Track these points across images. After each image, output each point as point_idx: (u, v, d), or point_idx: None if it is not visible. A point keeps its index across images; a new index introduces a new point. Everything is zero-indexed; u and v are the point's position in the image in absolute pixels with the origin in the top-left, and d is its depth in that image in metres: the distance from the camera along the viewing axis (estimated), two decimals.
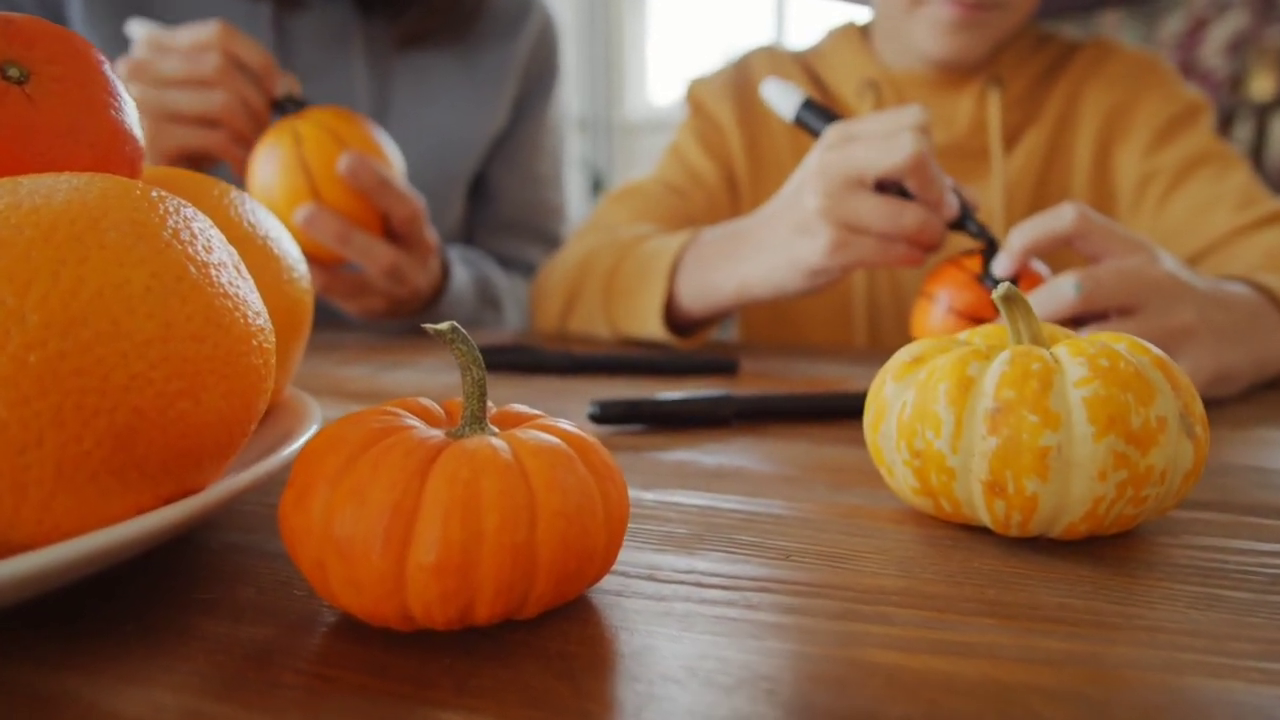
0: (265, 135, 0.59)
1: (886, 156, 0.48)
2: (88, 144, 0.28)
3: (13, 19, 0.28)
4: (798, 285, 0.54)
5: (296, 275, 0.35)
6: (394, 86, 0.80)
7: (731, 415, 0.43)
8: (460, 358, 0.25)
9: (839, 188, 0.50)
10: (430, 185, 0.76)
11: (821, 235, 0.51)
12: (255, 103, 0.59)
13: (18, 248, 0.22)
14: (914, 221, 0.49)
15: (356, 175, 0.57)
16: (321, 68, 0.77)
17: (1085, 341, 0.28)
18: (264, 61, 0.59)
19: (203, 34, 0.58)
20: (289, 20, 0.77)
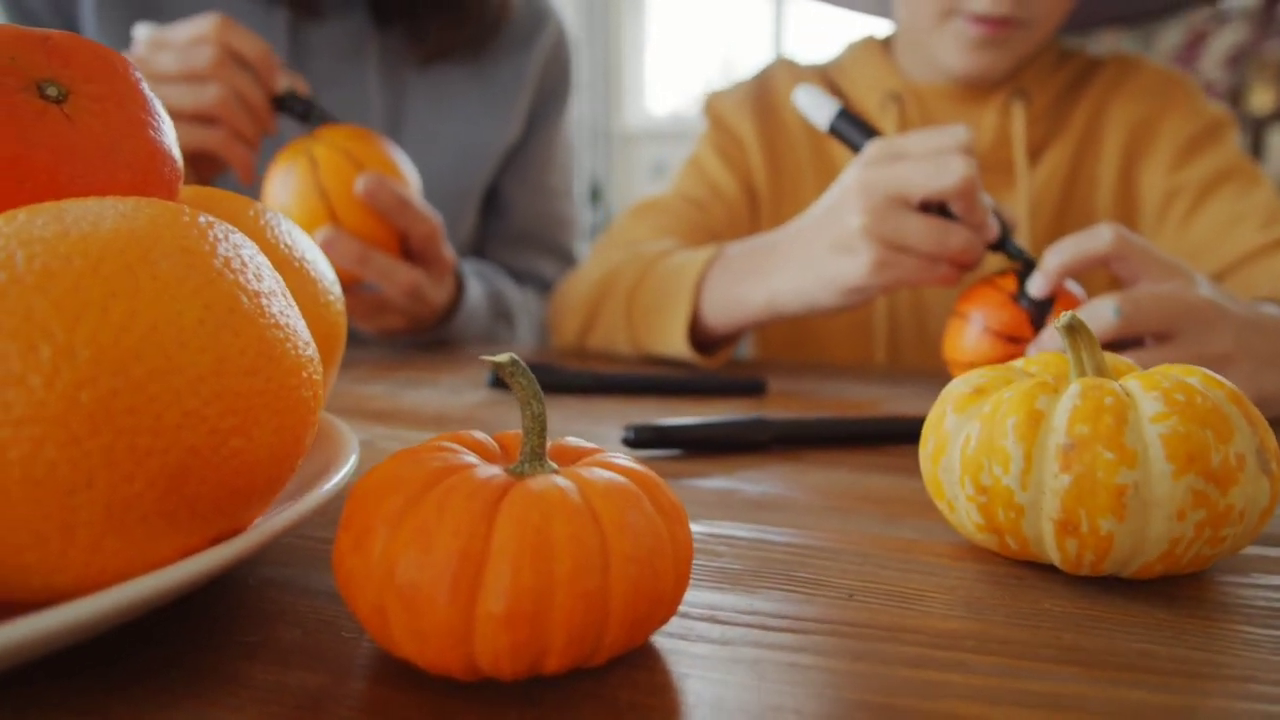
0: (279, 156, 0.58)
1: (936, 179, 0.47)
2: (126, 165, 0.27)
3: (50, 35, 0.27)
4: (833, 302, 0.53)
5: (332, 298, 0.34)
6: (408, 98, 0.79)
7: (768, 440, 0.42)
8: (520, 392, 0.24)
9: (883, 206, 0.49)
10: (444, 198, 0.75)
11: (863, 254, 0.50)
12: (253, 98, 0.57)
13: (66, 279, 0.21)
14: (959, 243, 0.48)
15: (375, 196, 0.56)
16: (336, 79, 0.76)
17: (1157, 375, 0.27)
18: (262, 54, 0.57)
19: (199, 28, 0.56)
20: (304, 31, 0.76)
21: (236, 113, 0.56)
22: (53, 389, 0.20)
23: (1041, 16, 0.67)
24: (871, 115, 0.76)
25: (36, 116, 0.26)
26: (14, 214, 0.22)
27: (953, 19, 0.67)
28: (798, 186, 0.77)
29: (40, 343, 0.20)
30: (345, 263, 0.57)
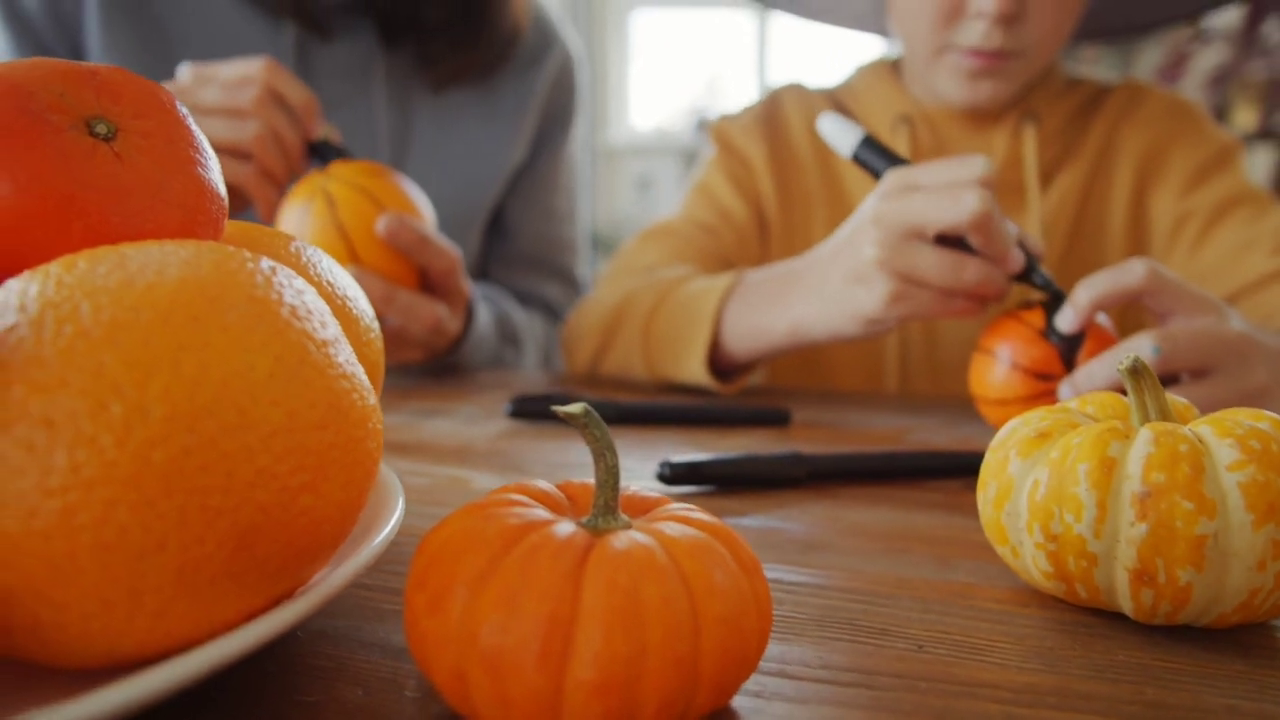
0: (293, 194, 0.57)
1: (949, 212, 0.47)
2: (177, 203, 0.26)
3: (99, 70, 0.27)
4: (854, 332, 0.53)
5: (373, 335, 0.33)
6: (415, 120, 0.78)
7: (803, 476, 0.41)
8: (593, 444, 0.23)
9: (897, 239, 0.49)
10: (450, 220, 0.74)
11: (879, 286, 0.50)
12: (289, 140, 0.57)
13: (136, 332, 0.20)
14: (975, 277, 0.48)
15: (396, 236, 0.56)
16: (343, 100, 0.76)
17: (1229, 421, 0.27)
18: (306, 101, 0.58)
19: (248, 68, 0.57)
20: (311, 51, 0.75)
21: (270, 152, 0.56)
22: (125, 449, 0.19)
23: (1037, 44, 0.67)
24: (882, 138, 0.76)
25: (86, 155, 0.25)
26: (73, 261, 0.21)
27: (948, 52, 0.67)
28: (808, 211, 0.77)
29: (112, 400, 0.19)
30: (373, 302, 0.57)
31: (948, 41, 0.67)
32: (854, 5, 0.82)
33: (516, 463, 0.46)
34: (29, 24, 0.71)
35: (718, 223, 0.75)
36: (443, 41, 0.76)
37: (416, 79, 0.78)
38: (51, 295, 0.20)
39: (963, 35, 0.66)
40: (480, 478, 0.43)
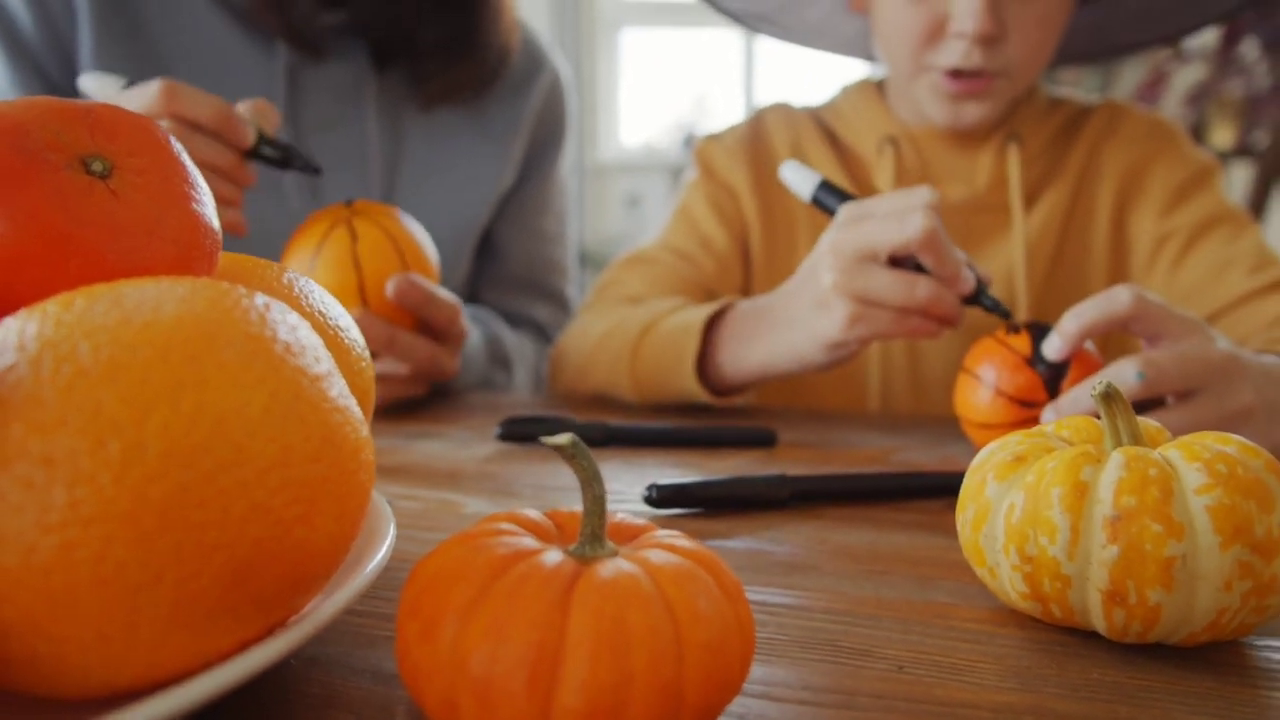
0: (317, 220, 0.58)
1: (898, 233, 0.49)
2: (171, 240, 0.27)
3: (94, 109, 0.27)
4: (819, 358, 0.55)
5: (365, 364, 0.34)
6: (406, 141, 0.79)
7: (788, 497, 0.42)
8: (580, 473, 0.23)
9: (852, 263, 0.51)
10: (441, 241, 0.75)
11: (838, 309, 0.52)
12: (221, 161, 0.54)
13: (134, 371, 0.20)
14: (926, 294, 0.49)
15: (405, 297, 0.57)
16: (335, 121, 0.76)
17: (1196, 445, 0.27)
18: (217, 115, 0.53)
19: (144, 101, 0.52)
20: (303, 72, 0.76)
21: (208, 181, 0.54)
22: (123, 485, 0.19)
23: (1018, 65, 0.68)
24: (868, 159, 0.77)
25: (83, 193, 0.26)
26: (71, 300, 0.22)
27: (930, 73, 0.69)
28: (792, 235, 0.78)
29: (110, 438, 0.19)
30: (374, 345, 0.58)
31: (929, 62, 0.68)
32: (841, 30, 0.83)
33: (506, 486, 0.46)
34: (24, 45, 0.72)
35: (698, 251, 0.76)
36: (434, 61, 0.77)
37: (408, 100, 0.79)
38: (50, 334, 0.21)
39: (943, 56, 0.67)
40: (471, 501, 0.43)
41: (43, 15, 0.71)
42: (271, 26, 0.73)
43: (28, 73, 0.71)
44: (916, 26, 0.67)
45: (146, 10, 0.73)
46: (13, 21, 0.71)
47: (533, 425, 0.54)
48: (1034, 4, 0.66)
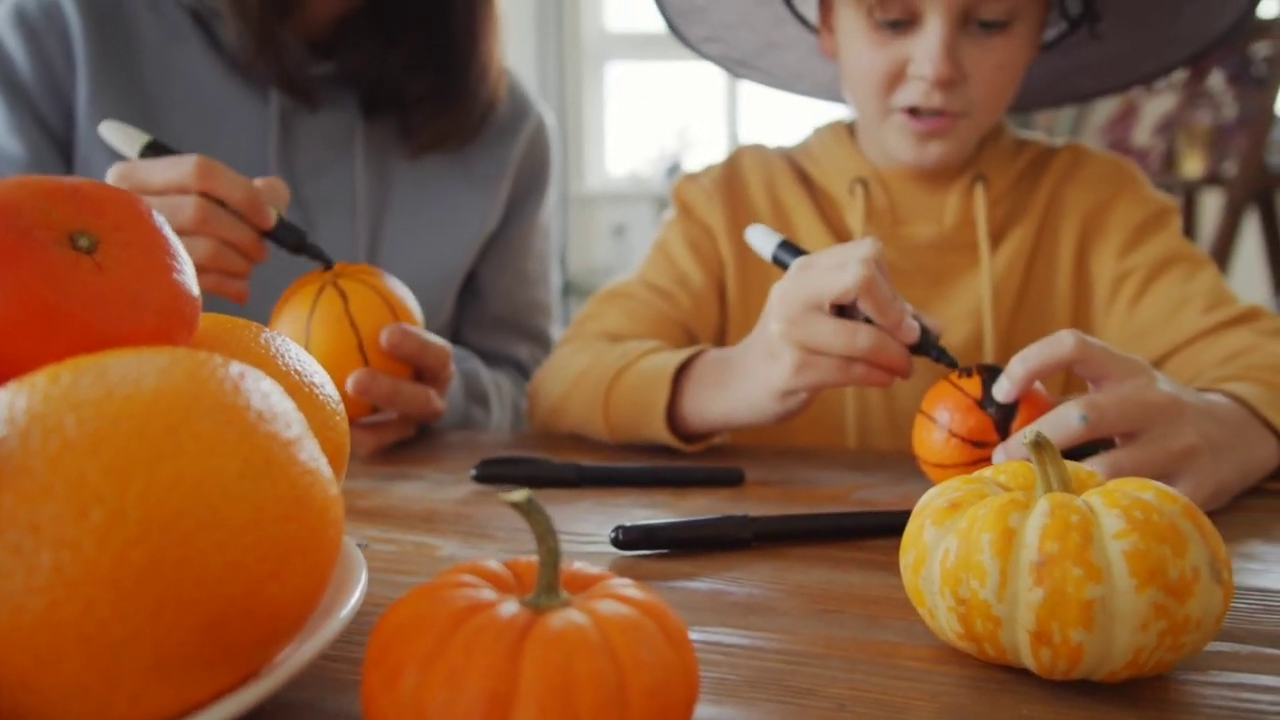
0: (304, 284, 0.60)
1: (837, 282, 0.51)
2: (153, 310, 0.29)
3: (80, 186, 0.29)
4: (773, 407, 0.57)
5: (338, 418, 0.36)
6: (393, 187, 0.81)
7: (750, 538, 0.44)
8: (535, 528, 0.25)
9: (797, 313, 0.53)
10: (426, 285, 0.76)
11: (785, 357, 0.54)
12: (241, 241, 0.57)
13: (116, 442, 0.22)
14: (867, 342, 0.51)
15: (399, 347, 0.59)
16: (324, 167, 0.78)
17: (1117, 492, 0.29)
18: (246, 198, 0.56)
19: (179, 175, 0.55)
20: (295, 121, 0.78)
21: (225, 258, 0.57)
22: (105, 550, 0.21)
23: (980, 104, 0.71)
24: (840, 200, 0.79)
25: (70, 268, 0.27)
26: (58, 374, 0.24)
27: (894, 114, 0.71)
28: (765, 276, 0.80)
29: (93, 506, 0.21)
30: (380, 401, 0.60)
31: (894, 104, 0.71)
32: (816, 74, 0.86)
33: (481, 528, 0.48)
34: (22, 89, 0.73)
35: (674, 288, 0.78)
36: (422, 112, 0.79)
37: (395, 147, 0.81)
38: (38, 408, 0.22)
39: (906, 96, 0.70)
40: (445, 544, 0.45)
41: (41, 60, 0.74)
42: (265, 76, 0.75)
43: (25, 116, 0.73)
44: (880, 70, 0.70)
45: (143, 57, 0.76)
46: (11, 66, 0.74)
47: (508, 466, 0.56)
48: (992, 50, 0.69)
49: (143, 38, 0.76)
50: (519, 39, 3.50)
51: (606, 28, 3.76)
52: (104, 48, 0.74)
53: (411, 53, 0.78)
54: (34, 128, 0.73)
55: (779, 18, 0.81)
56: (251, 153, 0.76)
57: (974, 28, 0.68)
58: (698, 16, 0.81)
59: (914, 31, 0.68)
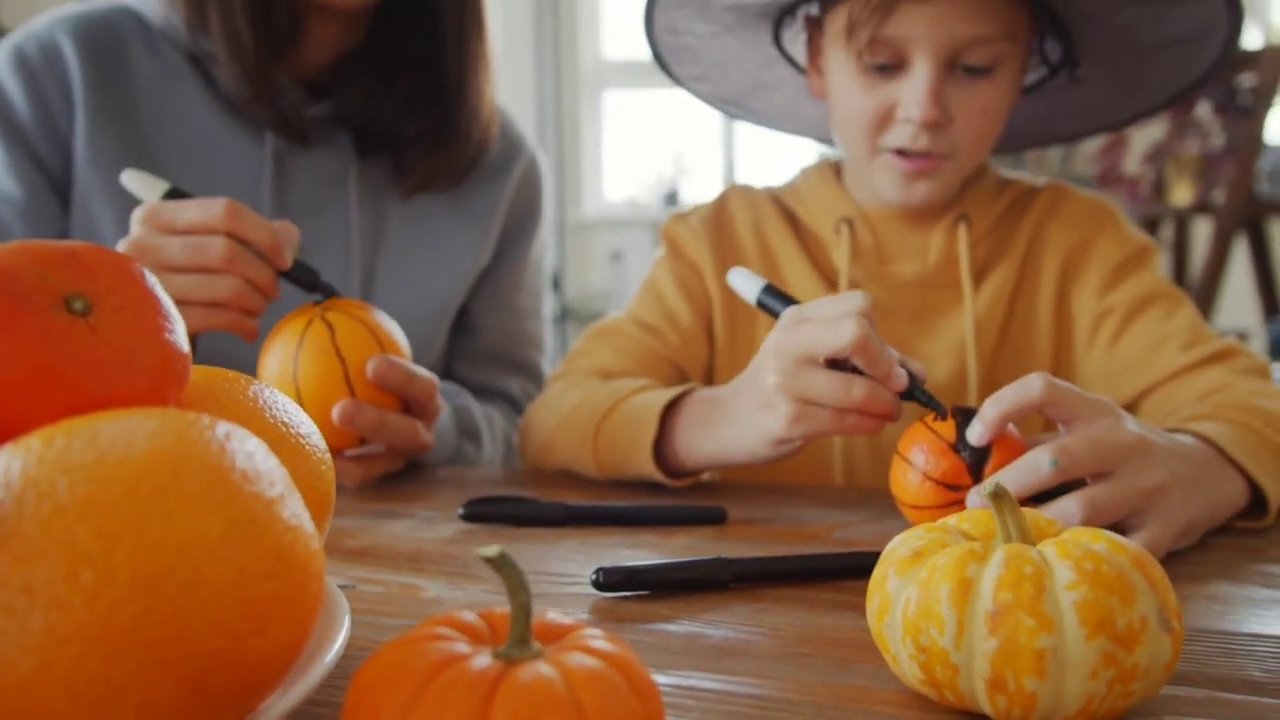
0: (291, 319, 0.61)
1: (832, 338, 0.53)
2: (145, 370, 0.30)
3: (76, 250, 0.30)
4: (765, 453, 0.58)
5: (325, 466, 0.37)
6: (387, 225, 0.83)
7: (729, 579, 0.45)
8: (508, 582, 0.26)
9: (793, 365, 0.55)
10: (418, 322, 0.78)
11: (781, 409, 0.55)
12: (262, 280, 0.60)
13: (106, 504, 0.23)
14: (861, 395, 0.53)
15: (385, 378, 0.61)
16: (318, 206, 0.80)
17: (1070, 543, 0.31)
18: (269, 240, 0.60)
19: (208, 216, 0.58)
20: (289, 159, 0.80)
21: (246, 297, 0.59)
22: (94, 609, 0.22)
23: (964, 148, 0.72)
24: (826, 239, 0.81)
25: (65, 331, 0.29)
26: (52, 437, 0.25)
27: (882, 154, 0.73)
28: (752, 315, 0.81)
29: (83, 568, 0.22)
30: (365, 431, 0.61)
31: (881, 145, 0.73)
32: (804, 114, 0.88)
33: (466, 568, 0.49)
34: (22, 134, 0.75)
35: (663, 325, 0.80)
36: (415, 152, 0.81)
37: (389, 186, 0.83)
38: (32, 472, 0.24)
39: (893, 137, 0.72)
40: (431, 585, 0.46)
41: (39, 102, 0.75)
42: (261, 117, 0.77)
43: (23, 158, 0.75)
44: (869, 113, 0.72)
45: (140, 98, 0.78)
46: (10, 107, 0.75)
47: (495, 505, 0.57)
48: (977, 94, 0.71)
49: (140, 80, 0.78)
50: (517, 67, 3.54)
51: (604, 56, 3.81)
52: (102, 90, 0.76)
53: (405, 94, 0.80)
54: (32, 169, 0.75)
55: (768, 59, 0.83)
56: (246, 192, 0.78)
57: (959, 73, 0.70)
58: (689, 56, 0.83)
59: (901, 75, 0.70)
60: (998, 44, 0.70)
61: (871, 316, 0.54)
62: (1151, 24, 0.72)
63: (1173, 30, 0.72)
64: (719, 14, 0.78)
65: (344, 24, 0.79)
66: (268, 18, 0.73)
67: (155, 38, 0.79)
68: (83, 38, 0.76)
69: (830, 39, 0.75)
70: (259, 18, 0.73)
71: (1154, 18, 0.71)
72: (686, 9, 0.77)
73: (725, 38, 0.81)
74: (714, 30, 0.80)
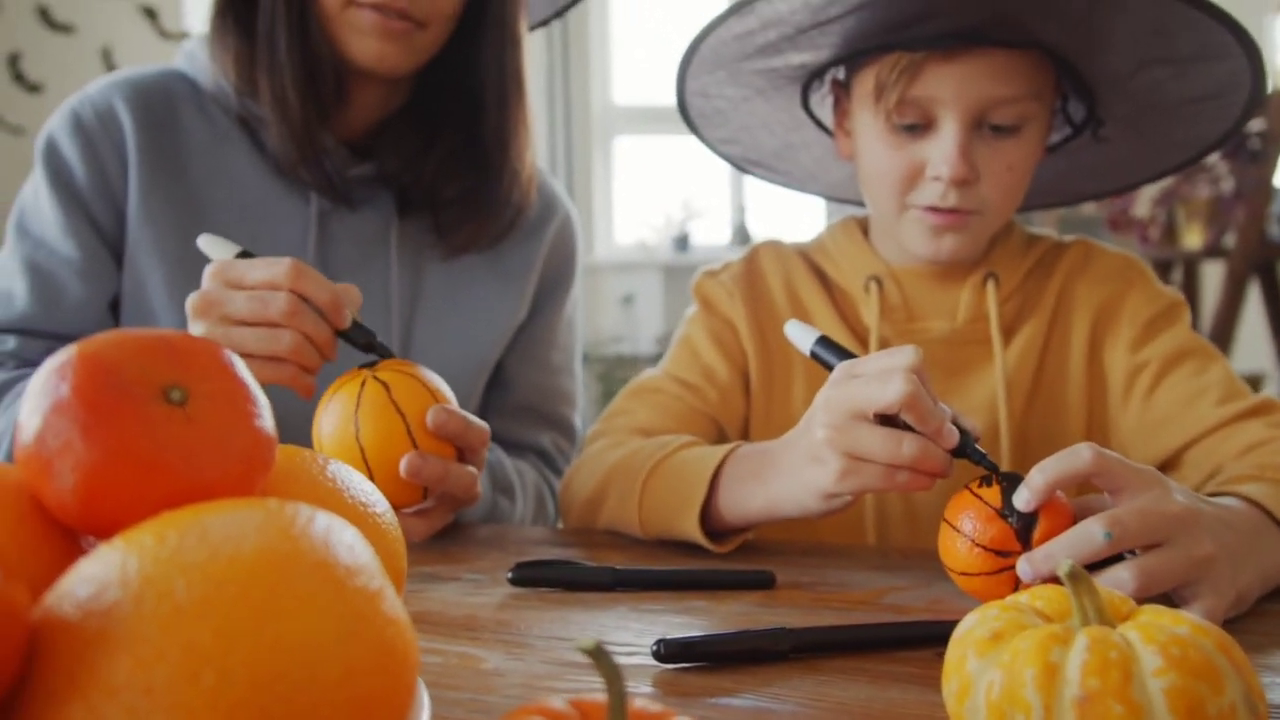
0: (346, 380, 0.62)
1: (881, 394, 0.53)
2: (239, 456, 0.30)
3: (171, 340, 0.31)
4: (816, 507, 0.58)
5: (399, 544, 0.37)
6: (426, 283, 0.84)
7: (789, 650, 0.45)
8: (604, 673, 0.26)
9: (843, 420, 0.55)
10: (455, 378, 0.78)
11: (831, 463, 0.55)
12: (321, 338, 0.61)
13: (222, 606, 0.23)
14: (911, 452, 0.53)
15: (444, 427, 0.61)
16: (359, 264, 0.81)
17: (1152, 626, 0.31)
18: (330, 300, 0.61)
19: (274, 273, 0.60)
20: (332, 219, 0.81)
21: (304, 353, 0.60)
22: (214, 711, 0.22)
23: (993, 203, 0.73)
24: (855, 297, 0.81)
25: (164, 421, 0.29)
26: (164, 533, 0.25)
27: (911, 210, 0.74)
28: (787, 370, 0.82)
29: (203, 670, 0.23)
30: (431, 482, 0.61)
31: (910, 202, 0.74)
32: (831, 175, 0.89)
33: (522, 637, 0.49)
34: (79, 196, 0.77)
35: (701, 381, 0.80)
36: (454, 213, 0.83)
37: (428, 244, 0.84)
38: (149, 571, 0.24)
39: (922, 195, 0.73)
40: (490, 656, 0.46)
41: (95, 166, 0.77)
42: (306, 178, 0.79)
43: (79, 220, 0.77)
44: (898, 171, 0.73)
45: (190, 160, 0.80)
46: (68, 171, 0.77)
47: (543, 569, 0.57)
48: (1003, 152, 0.72)
49: (191, 142, 0.80)
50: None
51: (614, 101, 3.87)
52: (154, 152, 0.78)
53: (446, 156, 0.81)
54: (88, 230, 0.77)
55: (797, 121, 0.85)
56: (291, 251, 0.79)
57: (986, 131, 0.72)
58: (719, 120, 0.85)
59: (929, 135, 0.71)
60: (1023, 104, 0.71)
61: (922, 372, 0.54)
62: (1174, 83, 0.74)
63: (1195, 89, 0.74)
64: (749, 78, 0.80)
65: (386, 87, 0.81)
66: (314, 83, 0.75)
67: (206, 101, 0.81)
68: (137, 102, 0.79)
69: (858, 101, 0.77)
70: (306, 83, 0.75)
71: (1176, 76, 0.73)
72: (718, 73, 0.79)
73: (755, 101, 0.83)
74: (744, 94, 0.82)
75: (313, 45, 0.75)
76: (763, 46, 0.75)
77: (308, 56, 0.75)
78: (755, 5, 0.69)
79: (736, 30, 0.73)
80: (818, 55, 0.77)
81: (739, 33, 0.73)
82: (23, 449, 0.29)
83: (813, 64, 0.78)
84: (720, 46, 0.75)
